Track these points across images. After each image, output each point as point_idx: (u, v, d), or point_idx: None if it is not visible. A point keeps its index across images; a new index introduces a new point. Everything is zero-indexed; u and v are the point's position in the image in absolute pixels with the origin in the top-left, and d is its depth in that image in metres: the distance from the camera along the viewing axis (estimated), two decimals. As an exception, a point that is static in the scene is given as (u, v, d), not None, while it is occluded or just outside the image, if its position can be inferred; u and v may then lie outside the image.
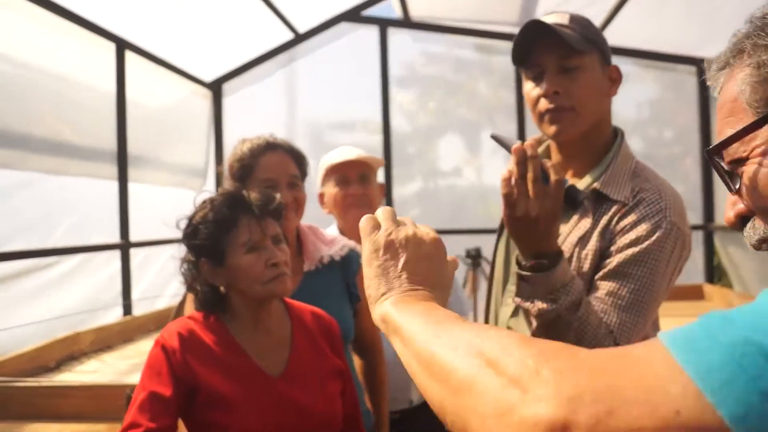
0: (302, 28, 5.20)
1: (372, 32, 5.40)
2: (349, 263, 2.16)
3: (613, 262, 1.45)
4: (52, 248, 3.48)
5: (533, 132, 1.65)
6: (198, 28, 4.48)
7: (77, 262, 3.72)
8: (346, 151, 2.61)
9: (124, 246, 4.06)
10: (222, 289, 1.66)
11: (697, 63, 5.08)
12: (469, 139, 5.73)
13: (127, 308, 4.02)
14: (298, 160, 2.09)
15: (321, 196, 2.66)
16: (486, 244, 4.72)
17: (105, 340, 3.44)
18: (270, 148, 2.05)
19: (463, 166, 5.76)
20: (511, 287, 1.63)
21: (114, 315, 3.92)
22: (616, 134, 1.63)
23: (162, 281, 4.60)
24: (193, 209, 1.69)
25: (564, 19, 1.55)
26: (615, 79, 1.61)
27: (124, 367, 3.08)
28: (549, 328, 1.39)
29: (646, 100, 5.49)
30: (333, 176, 2.59)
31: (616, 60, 1.63)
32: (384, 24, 5.37)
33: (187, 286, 1.70)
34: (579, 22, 1.56)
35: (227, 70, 5.32)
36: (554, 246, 1.40)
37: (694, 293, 4.40)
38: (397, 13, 5.21)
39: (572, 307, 1.37)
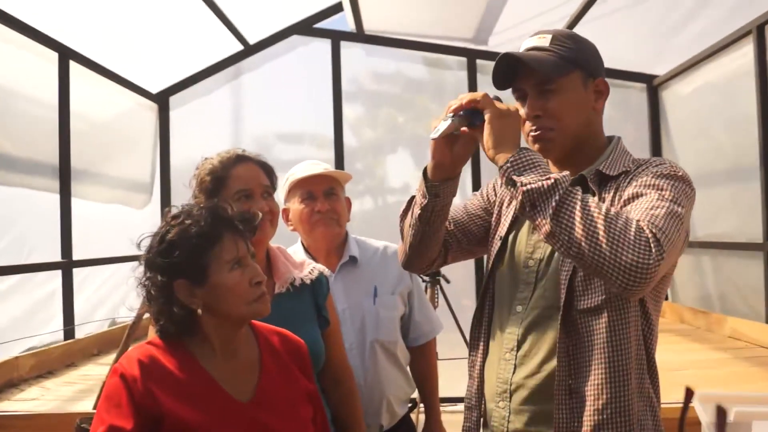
0: (252, 40, 5.08)
1: (324, 45, 5.32)
2: (320, 286, 2.08)
3: (630, 192, 1.47)
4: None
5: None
6: (145, 38, 4.33)
7: (15, 281, 3.52)
8: (311, 165, 2.50)
9: (67, 265, 3.86)
10: (199, 311, 1.52)
11: (648, 80, 5.16)
12: (419, 156, 5.69)
13: (69, 331, 3.81)
14: (268, 172, 2.04)
15: (285, 212, 2.54)
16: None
17: (46, 365, 3.25)
18: (241, 159, 1.99)
19: (412, 183, 5.72)
20: (520, 294, 1.63)
21: (52, 337, 3.72)
22: (611, 141, 1.66)
23: (103, 301, 4.41)
24: (163, 225, 1.55)
25: (545, 41, 1.58)
26: (601, 91, 1.62)
27: (68, 393, 2.90)
28: (558, 209, 1.34)
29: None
30: (298, 191, 2.47)
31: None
32: (337, 37, 5.29)
33: (154, 311, 1.55)
34: (561, 42, 1.58)
35: (174, 82, 5.16)
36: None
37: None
38: (350, 26, 5.13)
39: (568, 182, 1.37)
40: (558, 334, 1.51)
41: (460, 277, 5.22)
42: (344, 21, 5.15)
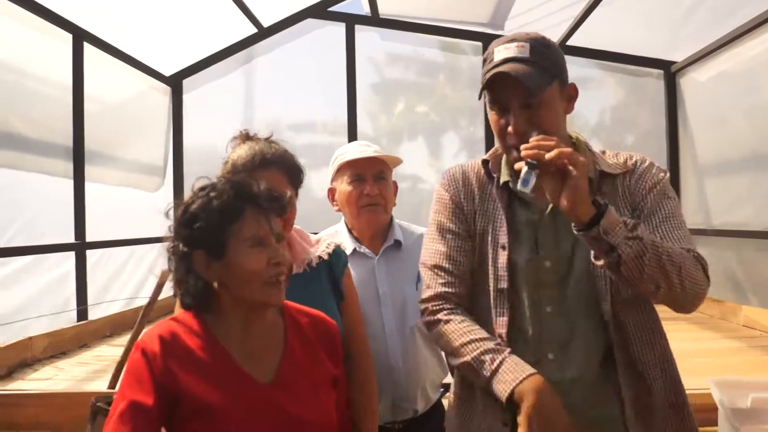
0: (266, 23, 5.05)
1: (338, 29, 5.28)
2: (337, 260, 2.03)
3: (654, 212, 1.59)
4: (5, 248, 3.28)
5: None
6: (159, 20, 4.31)
7: (28, 261, 3.53)
8: (362, 146, 2.47)
9: (80, 247, 3.87)
10: (215, 285, 1.50)
11: (666, 66, 5.10)
12: (433, 142, 5.65)
13: (82, 312, 3.82)
14: (292, 175, 1.89)
15: (332, 191, 2.51)
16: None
17: (59, 346, 3.26)
18: (263, 165, 1.84)
19: (426, 169, 5.69)
20: (546, 292, 1.63)
21: (66, 318, 3.72)
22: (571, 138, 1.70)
23: (117, 283, 4.42)
24: (191, 195, 1.53)
25: (524, 51, 1.57)
26: (572, 96, 1.65)
27: (81, 374, 2.90)
28: (648, 265, 1.43)
29: (608, 106, 5.49)
30: (347, 172, 2.42)
31: (582, 62, 1.63)
32: (351, 20, 5.25)
33: (175, 280, 1.54)
34: (539, 52, 1.57)
35: (187, 65, 5.15)
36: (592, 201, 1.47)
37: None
38: (365, 9, 5.09)
39: (647, 233, 1.46)
40: (609, 324, 1.57)
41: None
42: (359, 4, 5.11)
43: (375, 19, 5.23)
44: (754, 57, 3.89)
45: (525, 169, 1.48)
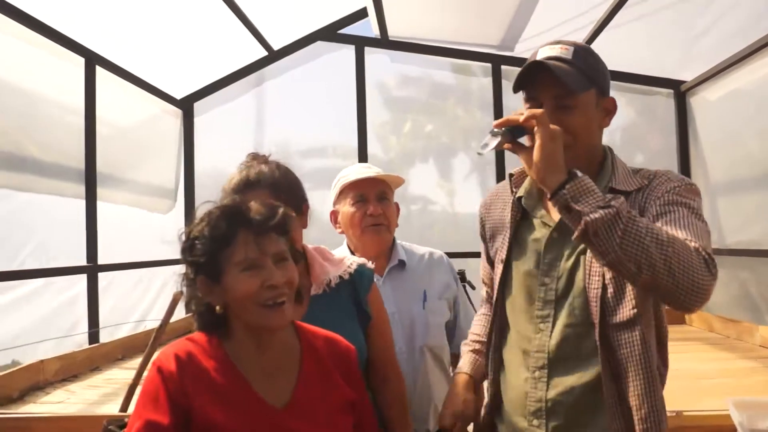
0: (277, 46, 5.09)
1: (348, 51, 5.31)
2: (361, 279, 1.99)
3: (656, 211, 1.53)
4: (17, 270, 3.29)
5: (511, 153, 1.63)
6: (170, 44, 4.34)
7: (40, 284, 3.53)
8: (363, 168, 2.48)
9: (92, 269, 3.87)
10: (218, 308, 1.50)
11: (675, 86, 5.09)
12: (443, 165, 5.65)
13: (94, 335, 3.81)
14: (281, 193, 1.83)
15: (334, 214, 2.51)
16: (468, 267, 4.64)
17: (71, 369, 3.24)
18: (249, 186, 1.85)
19: (436, 191, 5.68)
20: (540, 312, 1.64)
21: (77, 341, 3.72)
22: (606, 152, 1.69)
23: (128, 306, 4.42)
24: (194, 221, 1.54)
25: (567, 53, 1.59)
26: (610, 110, 1.65)
27: (93, 396, 2.88)
28: (624, 238, 1.36)
29: (619, 125, 5.48)
30: (350, 194, 2.44)
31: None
32: (361, 43, 5.28)
33: (185, 303, 1.55)
34: (582, 57, 1.60)
35: (198, 88, 5.18)
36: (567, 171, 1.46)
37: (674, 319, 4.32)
38: (375, 32, 5.12)
39: (627, 208, 1.40)
40: (598, 349, 1.54)
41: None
42: (369, 27, 5.14)
43: (384, 42, 5.25)
44: (764, 76, 3.88)
45: (488, 135, 1.52)
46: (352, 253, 2.46)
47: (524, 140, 1.52)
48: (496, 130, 1.50)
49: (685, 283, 1.36)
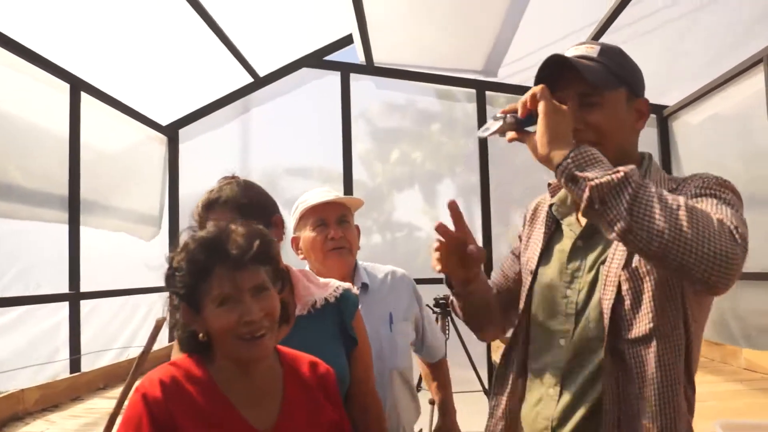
0: (262, 72, 5.10)
1: (334, 78, 5.33)
2: (346, 304, 1.98)
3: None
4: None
5: (496, 179, 1.64)
6: (156, 70, 4.35)
7: (22, 311, 3.49)
8: (322, 193, 2.48)
9: (74, 297, 3.83)
10: (201, 336, 1.49)
11: (658, 110, 5.15)
12: (427, 190, 5.66)
13: (75, 364, 3.76)
14: (243, 211, 1.83)
15: (295, 240, 2.50)
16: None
17: (51, 398, 3.19)
18: (210, 207, 1.87)
19: (421, 218, 5.68)
20: (561, 327, 1.56)
21: (58, 369, 3.67)
22: (643, 158, 1.58)
23: (110, 333, 4.37)
24: (178, 247, 1.53)
25: (593, 52, 1.52)
26: (643, 112, 1.56)
27: (73, 427, 2.84)
28: (633, 203, 1.24)
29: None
30: (310, 219, 2.43)
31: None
32: (346, 69, 5.30)
33: (169, 327, 1.54)
34: (609, 55, 1.52)
35: (184, 114, 5.17)
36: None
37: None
38: (360, 58, 5.15)
39: (638, 174, 1.28)
40: (604, 366, 1.43)
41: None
42: (354, 53, 5.16)
43: (370, 68, 5.28)
44: (744, 100, 3.93)
45: (490, 120, 1.48)
46: None
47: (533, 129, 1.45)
48: (499, 114, 1.46)
49: (703, 249, 1.20)
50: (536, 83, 1.49)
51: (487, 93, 5.33)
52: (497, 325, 1.83)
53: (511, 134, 1.47)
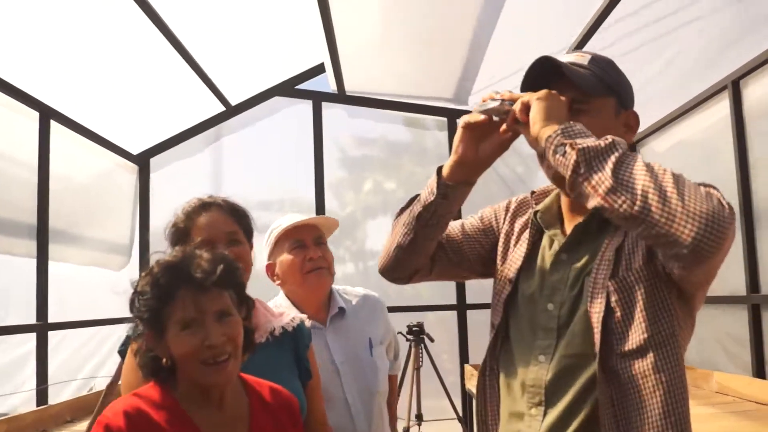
0: (234, 101, 5.10)
1: (306, 107, 5.35)
2: (301, 336, 2.00)
3: None
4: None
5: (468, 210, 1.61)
6: (127, 98, 4.34)
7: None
8: (296, 216, 2.48)
9: (41, 328, 3.76)
10: (164, 361, 1.47)
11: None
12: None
13: (42, 397, 3.68)
14: (237, 215, 1.95)
15: (270, 267, 2.48)
16: (426, 320, 4.64)
17: None
18: (204, 207, 1.93)
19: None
20: (541, 343, 1.49)
21: (23, 399, 3.60)
22: None
23: (78, 364, 4.30)
24: (145, 271, 1.51)
25: (584, 60, 1.51)
26: (632, 125, 1.54)
27: (40, 460, 2.78)
28: (618, 164, 1.22)
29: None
30: (286, 242, 2.41)
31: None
32: (318, 98, 5.32)
33: (134, 353, 1.52)
34: (600, 64, 1.51)
35: (155, 143, 5.14)
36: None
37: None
38: (332, 87, 5.18)
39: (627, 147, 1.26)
40: (598, 383, 1.36)
41: (444, 338, 5.17)
42: (326, 82, 5.19)
43: (342, 97, 5.31)
44: (709, 126, 4.01)
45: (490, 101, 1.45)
46: (294, 304, 2.44)
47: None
48: (497, 96, 1.44)
49: (690, 207, 1.16)
50: (523, 86, 1.49)
51: (458, 121, 5.35)
52: (416, 266, 1.70)
53: (503, 129, 1.46)
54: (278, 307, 2.40)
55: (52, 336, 3.90)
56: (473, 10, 3.85)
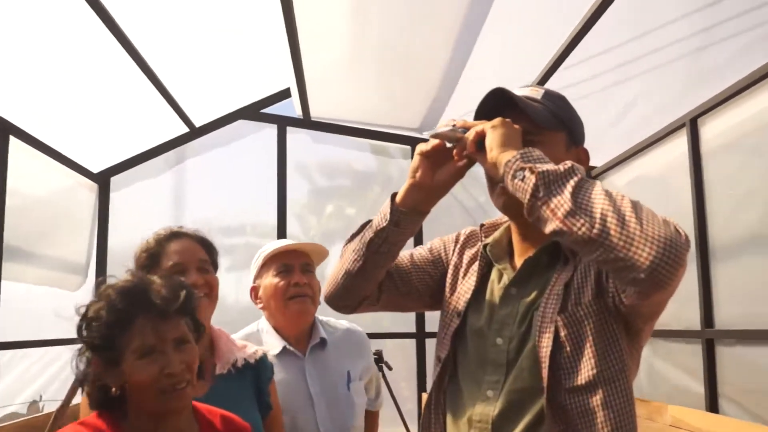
0: (198, 123, 5.07)
1: (270, 131, 5.32)
2: (264, 368, 2.01)
3: None
4: None
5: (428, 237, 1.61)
6: (89, 116, 4.28)
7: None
8: (286, 240, 2.49)
9: (-10, 346, 3.67)
10: (114, 390, 1.43)
11: (587, 172, 5.29)
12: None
13: (-10, 417, 3.59)
14: (207, 247, 2.00)
15: (255, 290, 2.45)
16: (385, 347, 4.61)
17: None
18: (176, 235, 1.98)
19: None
20: (490, 378, 1.47)
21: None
22: None
23: (27, 386, 4.19)
24: (93, 298, 1.48)
25: (537, 94, 1.53)
26: (582, 160, 1.56)
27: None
28: (577, 188, 1.23)
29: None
30: (273, 265, 2.39)
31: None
32: (283, 123, 5.31)
33: (79, 381, 1.47)
34: (553, 99, 1.53)
35: (116, 162, 5.07)
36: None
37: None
38: (297, 112, 5.18)
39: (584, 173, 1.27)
40: (545, 419, 1.35)
41: (402, 366, 5.16)
42: (291, 107, 5.19)
43: (307, 122, 5.30)
44: (668, 162, 4.09)
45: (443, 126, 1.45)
46: (276, 329, 2.41)
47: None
48: (451, 123, 1.45)
49: (648, 232, 1.17)
50: (476, 117, 1.51)
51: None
52: (363, 293, 1.66)
53: (456, 156, 1.48)
54: (260, 332, 2.39)
55: (1, 355, 3.81)
56: (445, 45, 3.89)
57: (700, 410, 3.55)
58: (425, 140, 1.53)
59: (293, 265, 2.39)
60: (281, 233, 5.25)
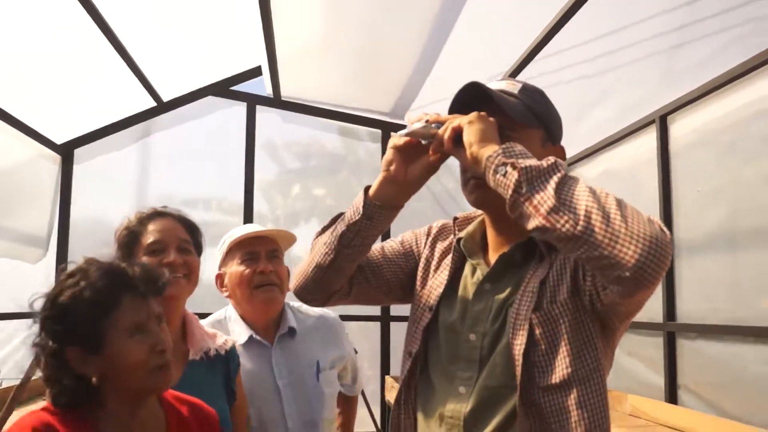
0: (166, 97, 4.98)
1: (240, 108, 5.26)
2: (232, 358, 2.01)
3: None
4: None
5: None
6: (53, 86, 4.17)
7: None
8: (253, 226, 2.41)
9: (-54, 319, 3.58)
10: (94, 380, 1.38)
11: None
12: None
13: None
14: (190, 228, 1.97)
15: (220, 277, 2.38)
16: (350, 329, 4.61)
17: None
18: (158, 214, 1.94)
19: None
20: (462, 374, 1.46)
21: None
22: None
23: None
24: (57, 284, 1.42)
25: (514, 88, 1.49)
26: (559, 157, 1.49)
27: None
28: (561, 184, 1.20)
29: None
30: (238, 253, 2.31)
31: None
32: (253, 101, 5.25)
33: (45, 378, 1.40)
34: (530, 94, 1.50)
35: (81, 134, 4.96)
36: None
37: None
38: (267, 91, 5.11)
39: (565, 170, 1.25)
40: (518, 416, 1.34)
41: (366, 347, 5.16)
42: (262, 86, 5.13)
43: (277, 101, 5.25)
44: (636, 156, 4.12)
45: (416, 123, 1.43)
46: (243, 318, 2.37)
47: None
48: (424, 118, 1.42)
49: (633, 229, 1.15)
50: (451, 110, 1.47)
51: (392, 134, 5.36)
52: (334, 287, 1.63)
53: (432, 153, 1.45)
54: (227, 320, 2.34)
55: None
56: (420, 30, 3.86)
57: (659, 401, 3.61)
58: (397, 126, 1.50)
59: (259, 252, 2.31)
60: (248, 211, 5.21)
